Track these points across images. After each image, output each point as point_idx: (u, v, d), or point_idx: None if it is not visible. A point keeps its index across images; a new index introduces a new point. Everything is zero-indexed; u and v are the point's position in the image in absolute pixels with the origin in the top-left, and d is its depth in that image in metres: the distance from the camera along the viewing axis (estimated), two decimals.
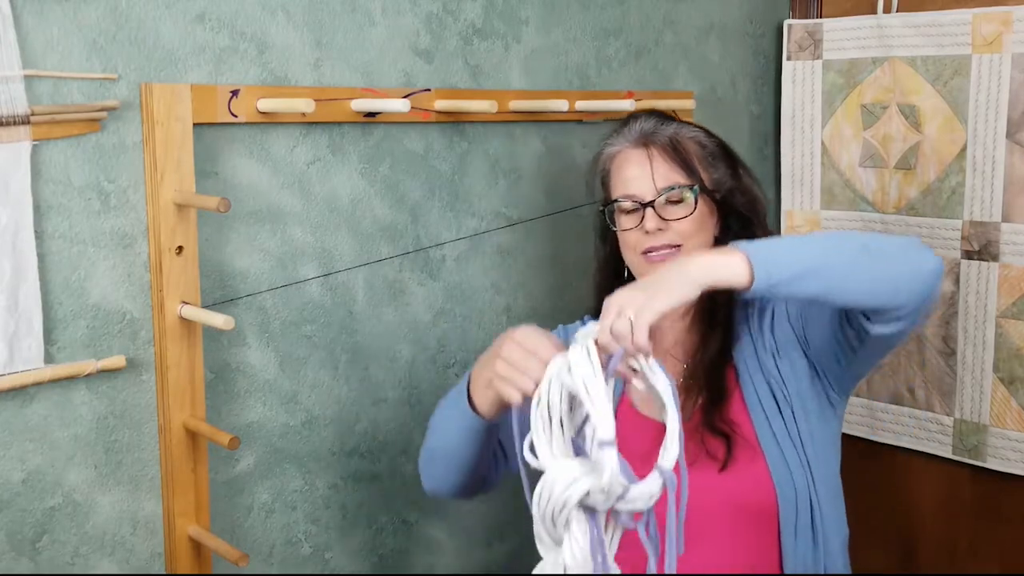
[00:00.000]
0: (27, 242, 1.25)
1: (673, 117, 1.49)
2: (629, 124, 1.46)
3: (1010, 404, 1.93)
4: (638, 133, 1.43)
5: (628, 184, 1.41)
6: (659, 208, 1.38)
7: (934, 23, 1.95)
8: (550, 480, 1.04)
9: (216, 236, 1.42)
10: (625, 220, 1.41)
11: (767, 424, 1.33)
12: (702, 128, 1.48)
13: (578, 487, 1.02)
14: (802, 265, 1.13)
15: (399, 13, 1.58)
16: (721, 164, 1.44)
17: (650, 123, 1.44)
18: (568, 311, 1.87)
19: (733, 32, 2.13)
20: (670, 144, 1.41)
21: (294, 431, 1.54)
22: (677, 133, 1.43)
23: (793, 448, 1.32)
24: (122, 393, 1.36)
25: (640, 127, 1.44)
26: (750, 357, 1.38)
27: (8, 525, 1.29)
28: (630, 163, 1.41)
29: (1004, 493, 1.99)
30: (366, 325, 1.61)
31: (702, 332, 1.42)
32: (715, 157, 1.44)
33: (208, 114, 1.36)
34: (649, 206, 1.37)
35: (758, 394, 1.35)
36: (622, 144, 1.44)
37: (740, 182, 1.45)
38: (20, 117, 1.22)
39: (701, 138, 1.45)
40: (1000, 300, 1.92)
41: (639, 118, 1.46)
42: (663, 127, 1.43)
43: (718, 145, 1.46)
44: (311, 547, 1.59)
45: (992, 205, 1.90)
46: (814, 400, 1.36)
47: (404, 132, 1.62)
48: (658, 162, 1.39)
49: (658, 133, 1.42)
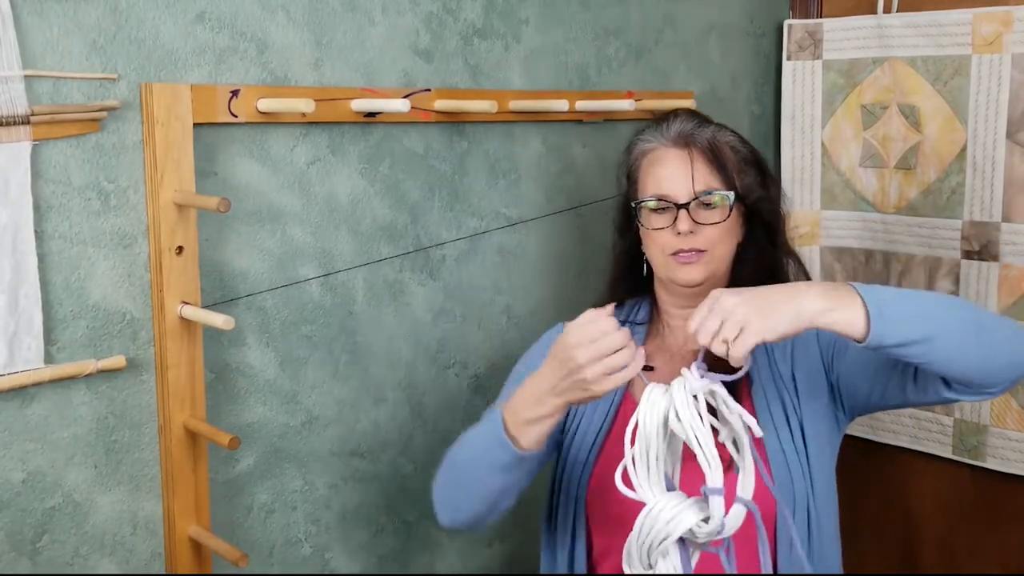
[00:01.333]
0: (27, 242, 1.25)
1: (709, 118, 1.46)
2: (668, 122, 1.42)
3: (1010, 404, 1.93)
4: (677, 133, 1.40)
5: (662, 183, 1.38)
6: (693, 211, 1.35)
7: (934, 23, 1.95)
8: (655, 512, 1.11)
9: (216, 236, 1.42)
10: (655, 219, 1.39)
11: (774, 433, 1.32)
12: (736, 133, 1.46)
13: (682, 522, 1.10)
14: (918, 333, 1.12)
15: (399, 13, 1.58)
16: (752, 171, 1.43)
17: (689, 124, 1.41)
18: (568, 311, 1.87)
19: (733, 32, 2.13)
20: (709, 148, 1.38)
21: (294, 431, 1.54)
22: (715, 137, 1.40)
23: (797, 458, 1.32)
24: (122, 393, 1.36)
25: (680, 127, 1.41)
26: (764, 364, 1.37)
27: (8, 525, 1.29)
28: (667, 162, 1.39)
29: (1004, 493, 1.99)
30: (366, 325, 1.61)
31: None
32: (747, 163, 1.42)
33: (208, 114, 1.36)
34: (684, 208, 1.35)
35: (768, 401, 1.34)
36: (659, 142, 1.41)
37: (768, 191, 1.44)
38: (20, 117, 1.22)
39: (735, 143, 1.43)
40: (1000, 300, 1.92)
41: (678, 117, 1.43)
42: (702, 129, 1.41)
43: (750, 152, 1.44)
44: (311, 547, 1.59)
45: (992, 205, 1.90)
46: (824, 417, 1.36)
47: (404, 132, 1.62)
48: (698, 164, 1.37)
49: (697, 135, 1.39)
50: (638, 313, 1.50)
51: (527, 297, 1.83)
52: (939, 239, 1.98)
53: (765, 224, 1.43)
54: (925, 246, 2.01)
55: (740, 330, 1.11)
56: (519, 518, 1.87)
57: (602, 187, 1.91)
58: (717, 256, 1.37)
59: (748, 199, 1.41)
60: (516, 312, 1.81)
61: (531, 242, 1.82)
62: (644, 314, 1.49)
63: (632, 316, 1.49)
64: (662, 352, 1.45)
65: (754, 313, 1.10)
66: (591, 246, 1.92)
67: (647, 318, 1.49)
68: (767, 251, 1.44)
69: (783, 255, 1.46)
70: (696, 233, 1.35)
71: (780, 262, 1.45)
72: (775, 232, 1.44)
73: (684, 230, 1.35)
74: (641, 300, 1.51)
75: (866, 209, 2.09)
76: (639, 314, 1.49)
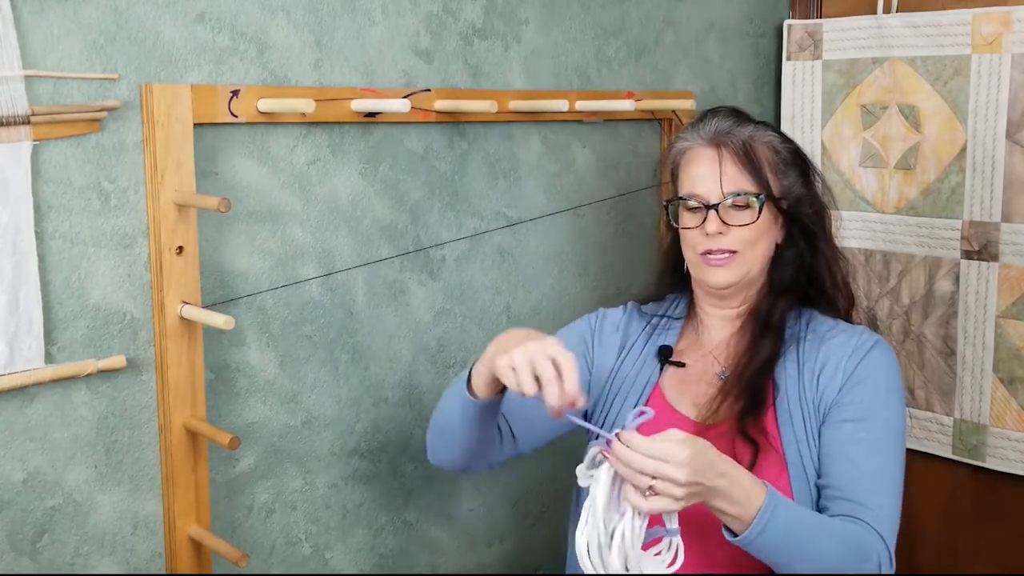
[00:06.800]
0: (27, 242, 1.25)
1: (750, 117, 1.44)
2: (705, 120, 1.42)
3: (1010, 404, 1.93)
4: (712, 132, 1.39)
5: (695, 183, 1.38)
6: (723, 212, 1.35)
7: (934, 23, 1.95)
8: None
9: (216, 236, 1.43)
10: (688, 218, 1.39)
11: (795, 443, 1.32)
12: (779, 132, 1.44)
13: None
14: (779, 560, 1.19)
15: (399, 13, 1.58)
16: (793, 171, 1.41)
17: (726, 123, 1.40)
18: (568, 311, 1.87)
19: (733, 32, 2.13)
20: (742, 148, 1.37)
21: (294, 431, 1.54)
22: (752, 137, 1.39)
23: (815, 469, 1.32)
24: (122, 393, 1.36)
25: (715, 126, 1.40)
26: (792, 375, 1.36)
27: (8, 525, 1.29)
28: (699, 162, 1.38)
29: (1004, 493, 1.99)
30: (366, 325, 1.61)
31: (753, 336, 1.40)
32: (787, 164, 1.41)
33: (208, 114, 1.37)
34: (713, 208, 1.35)
35: (790, 412, 1.34)
36: (694, 140, 1.41)
37: (810, 191, 1.43)
38: (20, 117, 1.22)
39: (776, 143, 1.41)
40: (1000, 300, 1.92)
41: (716, 115, 1.42)
42: (739, 128, 1.39)
43: (792, 152, 1.43)
44: (311, 547, 1.59)
45: (992, 205, 1.90)
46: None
47: (404, 132, 1.62)
48: (727, 165, 1.36)
49: (732, 134, 1.38)
50: (676, 308, 1.50)
51: (527, 297, 1.83)
52: (939, 239, 1.99)
53: (803, 227, 1.42)
54: (925, 246, 2.01)
55: (656, 494, 1.12)
56: (519, 518, 1.87)
57: (602, 187, 1.91)
58: (749, 258, 1.37)
59: (787, 199, 1.40)
60: (516, 312, 1.81)
61: (531, 242, 1.82)
62: (682, 309, 1.49)
63: (670, 311, 1.50)
64: (695, 349, 1.44)
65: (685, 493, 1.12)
66: (591, 246, 1.92)
67: (684, 314, 1.49)
68: (806, 253, 1.43)
69: (824, 257, 1.44)
70: (726, 234, 1.35)
71: (820, 264, 1.44)
72: (814, 235, 1.43)
73: (712, 231, 1.35)
74: (681, 296, 1.51)
75: (866, 209, 2.09)
76: (677, 309, 1.50)
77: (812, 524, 1.22)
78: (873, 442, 1.30)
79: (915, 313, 2.04)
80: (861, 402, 1.32)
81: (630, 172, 1.96)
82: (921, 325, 2.03)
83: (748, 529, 1.16)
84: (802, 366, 1.37)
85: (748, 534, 1.16)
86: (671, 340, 1.45)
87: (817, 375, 1.36)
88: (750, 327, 1.41)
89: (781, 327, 1.40)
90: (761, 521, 1.16)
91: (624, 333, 1.49)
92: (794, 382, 1.36)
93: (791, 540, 1.18)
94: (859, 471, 1.28)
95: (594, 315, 1.53)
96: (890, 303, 2.08)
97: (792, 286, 1.43)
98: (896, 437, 1.33)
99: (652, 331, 1.48)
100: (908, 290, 2.05)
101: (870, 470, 1.29)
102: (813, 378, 1.36)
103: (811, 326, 1.41)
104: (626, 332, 1.49)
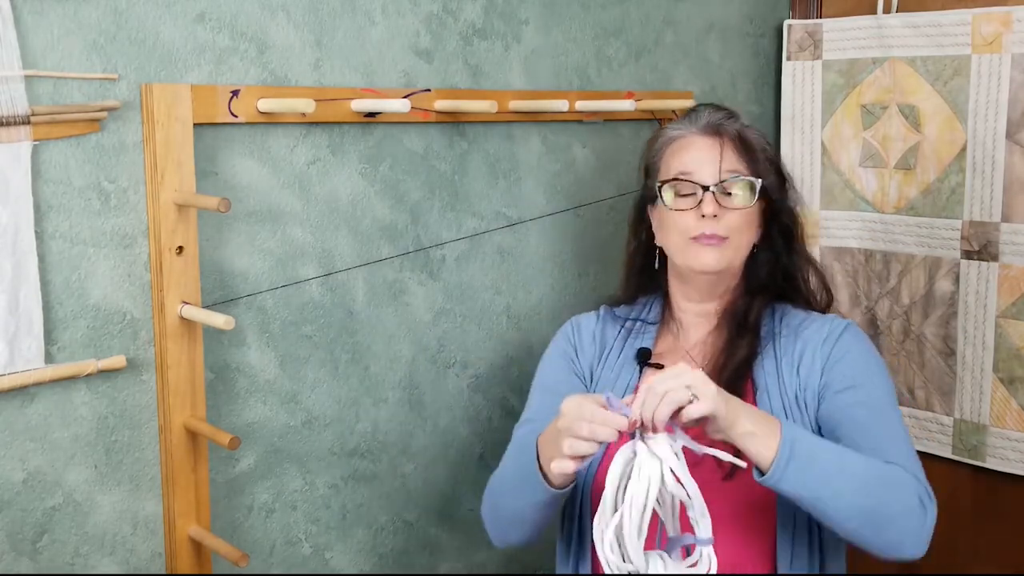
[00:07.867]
0: (27, 242, 1.25)
1: (737, 115, 1.48)
2: (697, 113, 1.45)
3: (1010, 404, 1.93)
4: (707, 122, 1.42)
5: (689, 165, 1.39)
6: (718, 196, 1.37)
7: (934, 23, 1.95)
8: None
9: (216, 236, 1.43)
10: (678, 201, 1.40)
11: None
12: (762, 133, 1.48)
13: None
14: (811, 495, 1.18)
15: (399, 13, 1.58)
16: (773, 170, 1.44)
17: (718, 115, 1.44)
18: (568, 311, 1.87)
19: (733, 32, 2.13)
20: (739, 137, 1.41)
21: (294, 431, 1.54)
22: (744, 130, 1.43)
23: None
24: (122, 393, 1.36)
25: (709, 117, 1.43)
26: (771, 371, 1.37)
27: (8, 525, 1.29)
28: (696, 147, 1.40)
29: (1004, 493, 1.99)
30: (366, 325, 1.61)
31: (729, 335, 1.41)
32: (771, 163, 1.44)
33: (208, 114, 1.37)
34: (709, 190, 1.37)
35: (771, 409, 1.34)
36: (687, 130, 1.43)
37: (786, 195, 1.46)
38: (20, 117, 1.22)
39: (762, 142, 1.45)
40: (1000, 300, 1.92)
41: (707, 109, 1.46)
42: (730, 121, 1.43)
43: (775, 154, 1.48)
44: (311, 547, 1.59)
45: (992, 205, 1.90)
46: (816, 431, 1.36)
47: (404, 132, 1.62)
48: (727, 151, 1.39)
49: (727, 125, 1.42)
50: (650, 312, 1.50)
51: (527, 297, 1.83)
52: (939, 239, 1.99)
53: (783, 227, 1.44)
54: (925, 246, 2.01)
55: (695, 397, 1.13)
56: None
57: (602, 187, 1.91)
58: (735, 245, 1.38)
59: (770, 196, 1.42)
60: (516, 312, 1.81)
61: (531, 242, 1.82)
62: (656, 313, 1.50)
63: (644, 315, 1.50)
64: (673, 351, 1.45)
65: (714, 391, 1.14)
66: (591, 246, 1.92)
67: (658, 318, 1.49)
68: (783, 255, 1.45)
69: (800, 260, 1.47)
70: (720, 217, 1.36)
71: (795, 267, 1.46)
72: (791, 236, 1.45)
73: (708, 213, 1.36)
74: (653, 298, 1.51)
75: (866, 209, 2.09)
76: (651, 313, 1.50)
77: (839, 449, 1.23)
78: (872, 403, 1.32)
79: (915, 313, 2.04)
80: (847, 375, 1.34)
81: (630, 172, 1.95)
82: (921, 325, 2.03)
83: (776, 453, 1.16)
84: (780, 361, 1.38)
85: (778, 459, 1.16)
86: (647, 344, 1.46)
87: (796, 367, 1.37)
88: (726, 327, 1.42)
89: (757, 327, 1.41)
90: (788, 439, 1.17)
91: (601, 340, 1.50)
92: (773, 378, 1.37)
93: (823, 464, 1.19)
94: (868, 427, 1.29)
95: (568, 326, 1.53)
96: (890, 303, 2.08)
97: (768, 284, 1.45)
98: (892, 400, 1.35)
99: (628, 335, 1.49)
100: (908, 290, 2.05)
101: (879, 426, 1.30)
102: (792, 371, 1.37)
103: (784, 321, 1.43)
104: (603, 338, 1.50)
